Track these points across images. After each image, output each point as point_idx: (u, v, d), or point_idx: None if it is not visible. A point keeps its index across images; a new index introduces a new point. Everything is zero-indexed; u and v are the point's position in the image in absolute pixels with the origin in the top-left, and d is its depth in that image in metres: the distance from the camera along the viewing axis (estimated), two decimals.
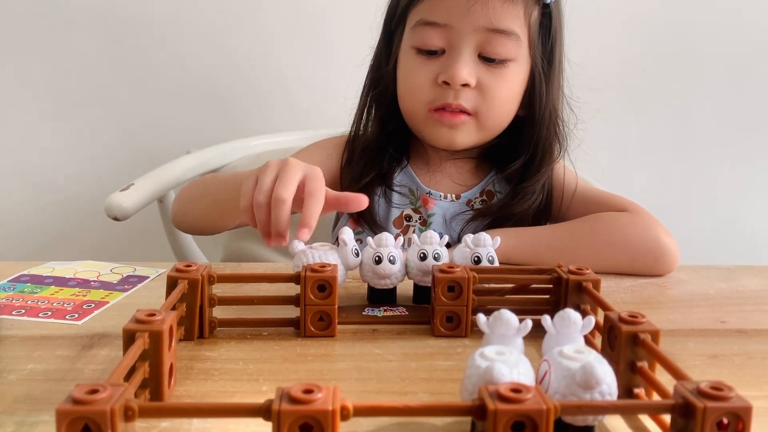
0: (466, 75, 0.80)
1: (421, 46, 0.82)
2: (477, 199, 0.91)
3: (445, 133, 0.85)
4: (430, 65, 0.82)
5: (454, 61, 0.80)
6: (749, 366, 0.53)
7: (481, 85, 0.82)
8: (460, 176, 0.92)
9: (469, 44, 0.80)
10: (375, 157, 0.89)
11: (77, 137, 1.30)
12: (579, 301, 0.55)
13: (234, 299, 0.56)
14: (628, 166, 1.39)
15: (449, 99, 0.82)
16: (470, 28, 0.79)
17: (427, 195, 0.90)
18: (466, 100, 0.82)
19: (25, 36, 1.25)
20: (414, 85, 0.84)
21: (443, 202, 0.90)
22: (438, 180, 0.91)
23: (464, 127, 0.84)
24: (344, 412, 0.33)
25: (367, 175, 0.88)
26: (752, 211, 1.46)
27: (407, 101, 0.86)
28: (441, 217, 0.89)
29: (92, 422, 0.32)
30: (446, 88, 0.82)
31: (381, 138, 0.90)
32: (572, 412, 0.37)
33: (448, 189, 0.91)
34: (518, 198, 0.87)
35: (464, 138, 0.85)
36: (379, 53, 0.90)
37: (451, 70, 0.80)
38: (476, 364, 0.39)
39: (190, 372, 0.48)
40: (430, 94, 0.83)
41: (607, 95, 0.90)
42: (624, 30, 1.34)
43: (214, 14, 1.27)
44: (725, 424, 0.35)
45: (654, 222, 0.78)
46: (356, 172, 0.89)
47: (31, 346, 0.52)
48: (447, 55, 0.82)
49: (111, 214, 0.92)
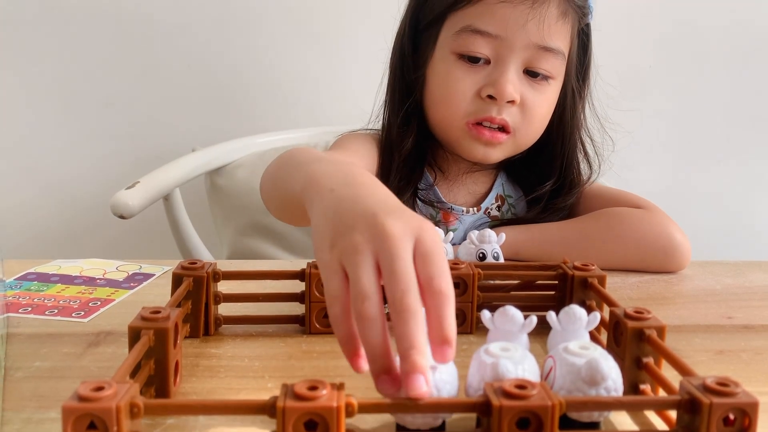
0: (513, 91, 0.76)
1: (465, 53, 0.77)
2: (493, 206, 0.89)
3: (481, 149, 0.81)
4: (473, 75, 0.78)
5: (501, 75, 0.76)
6: (756, 362, 0.52)
7: (524, 102, 0.79)
8: (475, 186, 0.89)
9: (517, 59, 0.77)
10: (411, 173, 0.85)
11: (83, 136, 1.31)
12: (584, 297, 0.55)
13: (239, 296, 0.56)
14: (634, 163, 1.39)
15: (492, 113, 0.78)
16: (522, 44, 0.76)
17: (449, 210, 0.86)
18: (508, 116, 0.78)
19: (30, 36, 1.25)
20: (453, 94, 0.79)
21: (466, 216, 0.87)
22: (456, 192, 0.88)
23: (501, 145, 0.81)
24: (349, 409, 0.33)
25: (405, 193, 0.83)
26: (759, 207, 1.45)
27: (442, 110, 0.82)
28: (462, 231, 0.86)
29: (98, 419, 0.32)
30: (490, 102, 0.78)
31: (418, 152, 0.85)
32: (577, 408, 0.37)
33: (466, 201, 0.88)
34: (549, 212, 0.85)
35: (499, 154, 0.82)
36: (403, 57, 0.85)
37: (499, 85, 0.76)
38: (481, 360, 0.39)
39: (195, 369, 0.48)
40: (470, 105, 0.79)
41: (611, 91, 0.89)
42: (629, 26, 1.33)
43: (218, 12, 1.27)
44: (731, 420, 0.35)
45: (667, 219, 0.77)
46: (392, 189, 0.83)
47: (38, 344, 0.52)
48: (493, 67, 0.78)
49: (117, 212, 0.92)
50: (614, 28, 1.32)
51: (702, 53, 1.36)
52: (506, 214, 0.90)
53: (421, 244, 0.38)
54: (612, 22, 1.31)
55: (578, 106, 0.85)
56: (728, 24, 1.35)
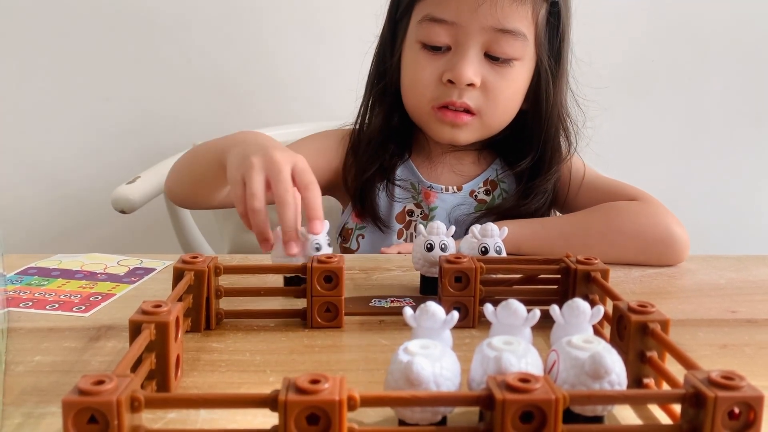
0: (471, 75, 0.79)
1: (426, 42, 0.81)
2: (480, 189, 0.90)
3: (448, 131, 0.84)
4: (435, 62, 0.82)
5: (460, 60, 0.80)
6: (760, 356, 0.52)
7: (486, 84, 0.81)
8: (461, 167, 0.91)
9: (475, 43, 0.79)
10: (378, 151, 0.89)
11: (83, 131, 1.30)
12: (587, 291, 0.55)
13: (241, 291, 0.56)
14: (637, 157, 1.38)
15: (453, 97, 0.81)
16: (478, 27, 0.78)
17: (429, 189, 0.90)
18: (470, 99, 0.81)
19: (30, 30, 1.25)
20: (418, 81, 0.83)
21: (445, 195, 0.89)
22: (439, 172, 0.91)
23: (467, 126, 0.84)
24: (351, 402, 0.33)
25: (370, 168, 0.88)
26: (762, 201, 1.45)
27: (411, 97, 0.86)
28: (444, 210, 0.89)
29: (98, 413, 0.32)
30: (451, 86, 0.81)
31: (384, 131, 0.89)
32: (581, 402, 0.36)
33: (449, 181, 0.90)
34: (531, 197, 0.86)
35: (467, 136, 0.85)
36: (383, 45, 0.89)
37: (456, 70, 0.79)
38: (484, 354, 0.38)
39: (196, 363, 0.48)
40: (434, 91, 0.82)
41: (614, 87, 0.89)
42: (630, 19, 1.32)
43: (219, 7, 1.27)
44: (736, 414, 0.34)
45: (664, 211, 0.77)
46: (360, 165, 0.88)
47: (39, 338, 0.52)
48: (453, 53, 0.81)
49: (118, 207, 0.92)
50: (616, 22, 1.31)
51: (705, 48, 1.36)
52: (497, 198, 0.90)
53: (296, 166, 0.60)
54: (614, 16, 1.31)
55: (553, 86, 0.86)
56: (731, 19, 1.34)
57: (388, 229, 0.89)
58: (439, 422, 0.37)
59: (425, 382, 0.36)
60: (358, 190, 0.88)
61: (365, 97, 0.91)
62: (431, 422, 0.37)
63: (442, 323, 0.42)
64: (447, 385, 0.37)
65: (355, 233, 0.91)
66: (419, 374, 0.35)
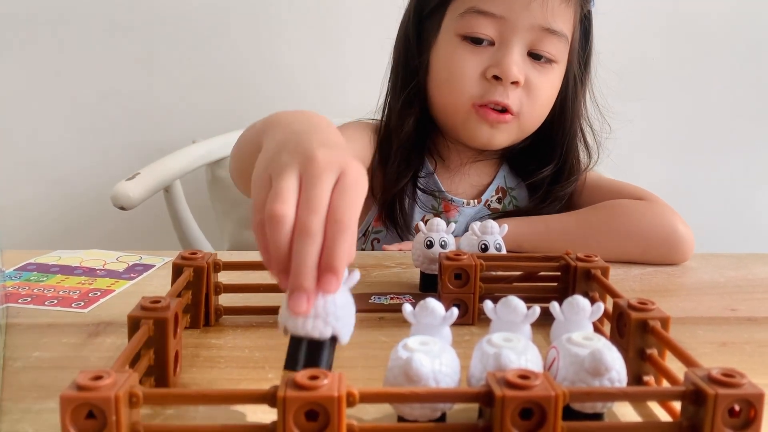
0: (517, 72, 0.77)
1: (469, 33, 0.78)
2: (493, 198, 0.89)
3: (486, 131, 0.81)
4: (478, 56, 0.78)
5: (506, 56, 0.77)
6: (760, 354, 0.52)
7: (529, 84, 0.79)
8: (478, 177, 0.89)
9: (521, 40, 0.77)
10: (410, 158, 0.85)
11: (84, 127, 1.30)
12: (587, 289, 0.55)
13: (240, 287, 0.56)
14: (638, 155, 1.38)
15: (497, 96, 0.78)
16: (526, 25, 0.76)
17: (450, 202, 0.86)
18: (513, 97, 0.78)
19: (30, 28, 1.25)
20: (459, 75, 0.79)
21: (466, 208, 0.87)
22: (457, 183, 0.88)
23: (506, 126, 0.81)
24: (350, 399, 0.33)
25: (403, 178, 0.83)
26: (763, 199, 1.44)
27: (447, 93, 0.81)
28: (463, 224, 0.86)
29: (96, 408, 0.32)
30: (495, 83, 0.78)
31: (417, 137, 0.85)
32: (581, 399, 0.36)
33: (467, 193, 0.88)
34: (548, 201, 0.85)
35: (503, 138, 0.82)
36: (407, 42, 0.84)
37: (504, 65, 0.76)
38: (484, 350, 0.38)
39: (195, 360, 0.48)
40: (476, 87, 0.79)
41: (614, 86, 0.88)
42: (633, 18, 1.32)
43: (219, 3, 1.27)
44: (737, 412, 0.34)
45: (670, 211, 0.77)
46: (392, 173, 0.83)
47: (38, 334, 0.52)
48: (496, 48, 0.78)
49: (117, 203, 0.92)
50: (618, 19, 1.31)
51: (707, 45, 1.35)
52: (507, 206, 0.89)
53: (344, 177, 0.40)
54: (616, 13, 1.30)
55: (579, 93, 0.85)
56: (733, 16, 1.34)
57: (410, 236, 0.85)
58: (438, 419, 0.37)
59: (424, 378, 0.36)
60: (387, 200, 0.84)
61: (391, 98, 0.87)
62: (430, 419, 0.36)
63: (441, 320, 0.42)
64: (446, 382, 0.37)
65: (371, 236, 0.88)
66: (418, 371, 0.35)
